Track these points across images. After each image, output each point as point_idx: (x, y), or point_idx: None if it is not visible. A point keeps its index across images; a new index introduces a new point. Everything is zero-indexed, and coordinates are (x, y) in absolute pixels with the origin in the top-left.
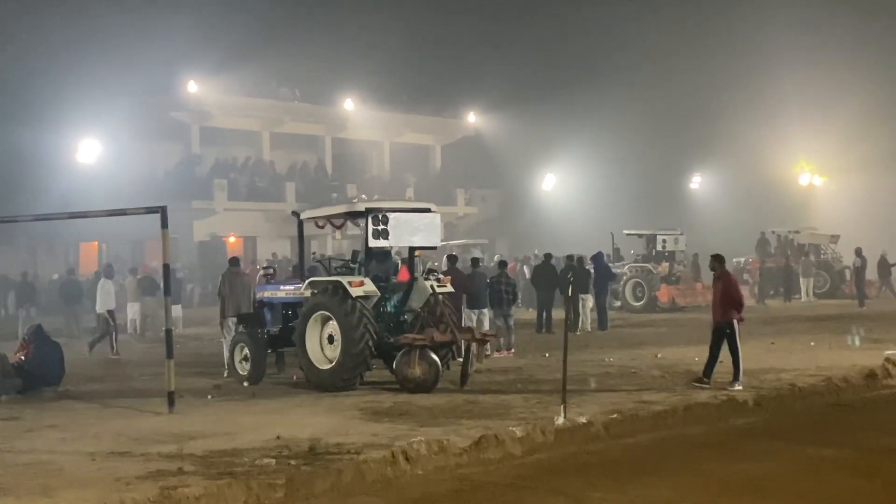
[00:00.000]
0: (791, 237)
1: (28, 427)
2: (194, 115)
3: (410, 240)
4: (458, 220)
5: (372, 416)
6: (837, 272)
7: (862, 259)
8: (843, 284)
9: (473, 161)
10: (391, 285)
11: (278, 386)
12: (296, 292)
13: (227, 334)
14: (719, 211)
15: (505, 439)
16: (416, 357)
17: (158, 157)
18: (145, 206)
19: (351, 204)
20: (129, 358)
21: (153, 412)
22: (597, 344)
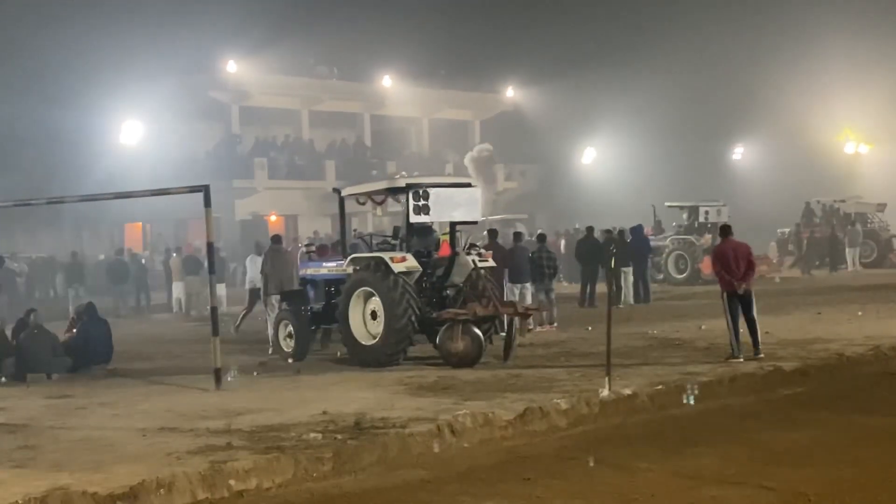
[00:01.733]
0: (837, 206)
1: (79, 404)
2: (234, 95)
3: (451, 215)
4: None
5: (416, 391)
6: (885, 241)
7: None
8: (891, 253)
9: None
10: (433, 260)
11: (322, 362)
12: (338, 269)
13: (271, 312)
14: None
15: (550, 411)
16: (459, 332)
17: (199, 137)
18: (188, 186)
19: (391, 180)
20: (175, 335)
21: (200, 389)
22: (640, 317)
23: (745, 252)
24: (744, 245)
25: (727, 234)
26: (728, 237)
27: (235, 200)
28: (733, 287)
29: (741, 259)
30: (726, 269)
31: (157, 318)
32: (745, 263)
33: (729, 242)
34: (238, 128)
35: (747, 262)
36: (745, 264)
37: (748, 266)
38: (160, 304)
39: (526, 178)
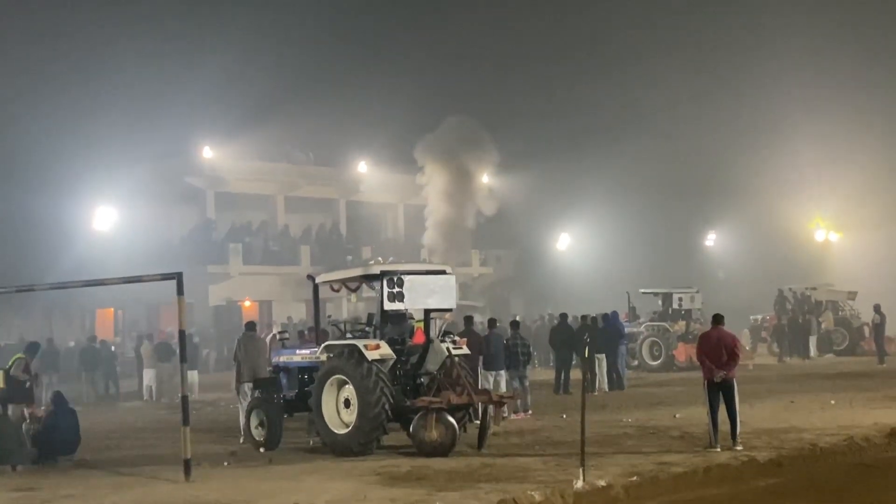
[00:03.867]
0: (808, 294)
1: (44, 497)
2: (209, 181)
3: (426, 302)
4: (474, 280)
5: (390, 481)
6: (856, 329)
7: (881, 315)
8: (863, 341)
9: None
10: (407, 348)
11: (295, 451)
12: (311, 356)
13: (243, 399)
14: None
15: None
16: (433, 420)
17: (174, 222)
18: (161, 273)
19: (366, 267)
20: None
21: (170, 480)
22: (614, 404)
23: (729, 341)
24: (729, 335)
25: (718, 322)
26: (718, 325)
27: (209, 286)
28: (712, 375)
29: (724, 348)
30: (708, 357)
31: (128, 405)
32: (728, 353)
33: (716, 331)
34: (213, 213)
35: (730, 352)
36: (728, 354)
37: (730, 356)
38: (131, 392)
39: (501, 263)
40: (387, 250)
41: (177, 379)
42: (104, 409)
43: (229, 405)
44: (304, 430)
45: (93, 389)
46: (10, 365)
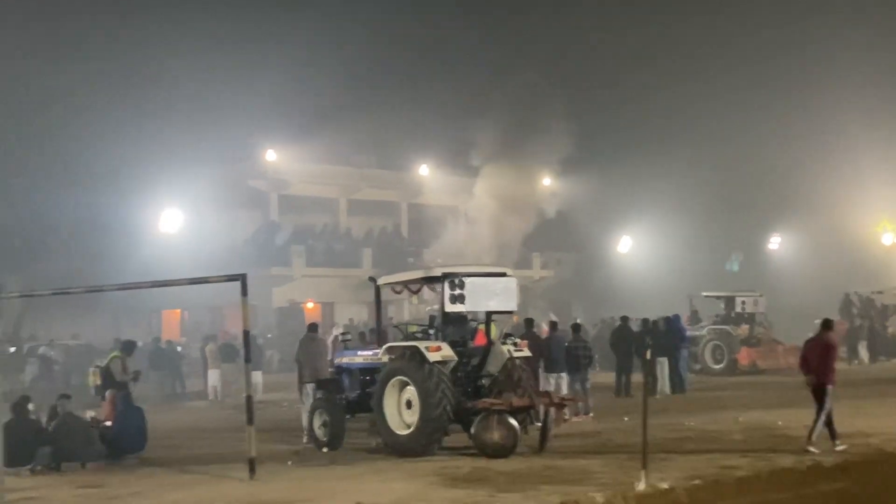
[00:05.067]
0: (874, 298)
1: (112, 494)
2: (273, 184)
3: (487, 304)
4: (534, 283)
5: (451, 482)
6: None
7: None
8: None
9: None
10: (468, 350)
11: (357, 451)
12: (373, 357)
13: (306, 400)
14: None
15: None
16: (495, 422)
17: (238, 224)
18: (226, 275)
19: (428, 269)
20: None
21: (235, 478)
22: (676, 408)
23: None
24: (829, 342)
25: (827, 328)
26: (826, 331)
27: (273, 288)
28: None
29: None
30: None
31: (193, 405)
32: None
33: (820, 337)
34: (276, 216)
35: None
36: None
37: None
38: (196, 392)
39: (562, 266)
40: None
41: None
42: (170, 408)
43: (292, 405)
44: (365, 430)
45: (159, 389)
46: (108, 363)
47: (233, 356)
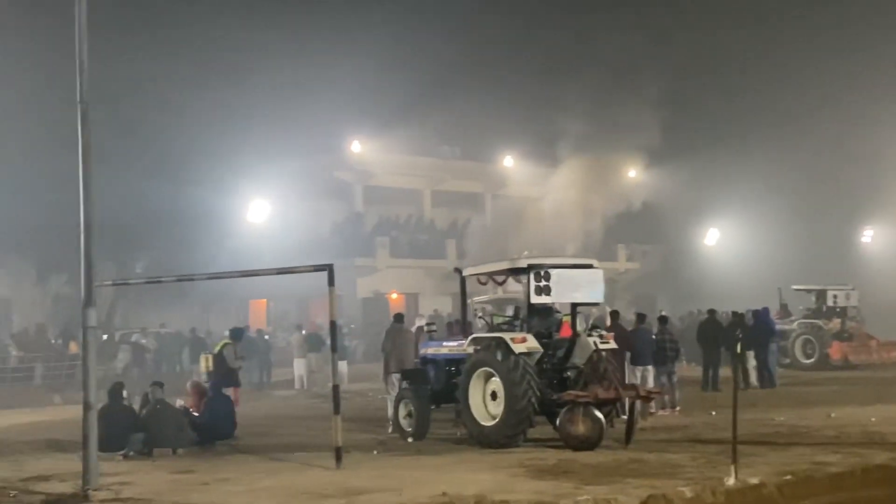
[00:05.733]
0: None
1: (203, 480)
2: (358, 175)
3: (572, 296)
4: (620, 275)
5: (536, 474)
6: None
7: None
8: None
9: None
10: (554, 341)
11: (442, 442)
12: (459, 348)
13: (392, 390)
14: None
15: (673, 499)
16: (580, 414)
17: (323, 215)
18: (313, 265)
19: (513, 260)
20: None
21: (321, 467)
22: (765, 402)
23: None
24: None
25: None
26: None
27: (357, 278)
28: None
29: None
30: None
31: (280, 394)
32: None
33: None
34: (361, 206)
35: None
36: None
37: None
38: (283, 381)
39: (647, 258)
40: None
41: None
42: (258, 396)
43: (377, 395)
44: (450, 421)
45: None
46: (219, 349)
47: (318, 346)
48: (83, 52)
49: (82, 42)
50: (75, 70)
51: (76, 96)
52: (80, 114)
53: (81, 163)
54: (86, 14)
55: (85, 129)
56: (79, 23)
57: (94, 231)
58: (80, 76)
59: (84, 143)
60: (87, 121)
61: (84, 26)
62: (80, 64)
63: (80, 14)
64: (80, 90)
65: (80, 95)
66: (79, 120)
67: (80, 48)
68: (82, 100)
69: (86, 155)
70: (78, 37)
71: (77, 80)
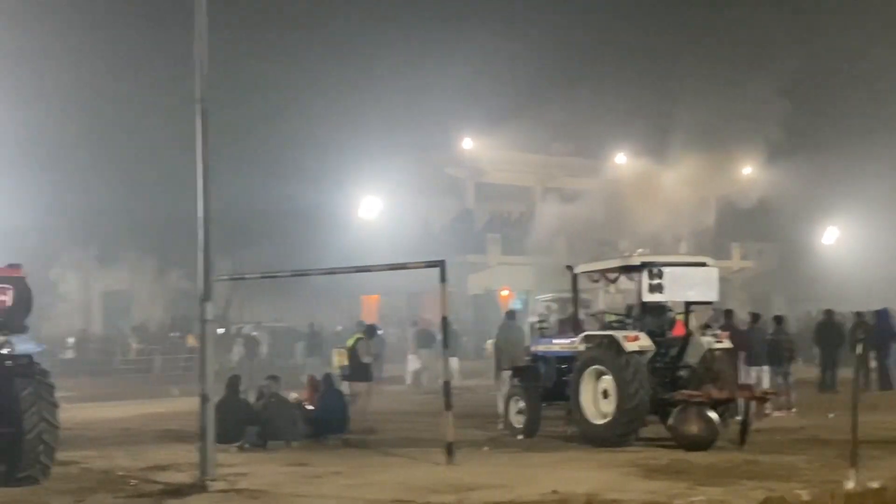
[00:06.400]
0: None
1: (315, 473)
2: (469, 171)
3: (686, 294)
4: (734, 274)
5: (648, 473)
6: None
7: None
8: None
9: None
10: (666, 340)
11: (552, 440)
12: (570, 346)
13: (502, 386)
14: None
15: (791, 502)
16: (693, 414)
17: (435, 212)
18: (425, 261)
19: (626, 258)
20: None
21: (432, 462)
22: (886, 405)
23: None
24: None
25: None
26: None
27: (468, 275)
28: None
29: None
30: None
31: (392, 389)
32: None
33: None
34: (472, 203)
35: None
36: None
37: None
38: (395, 376)
39: (763, 257)
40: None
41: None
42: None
43: (488, 392)
44: (561, 418)
45: None
46: (353, 345)
47: (430, 342)
48: (202, 52)
49: (201, 41)
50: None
51: (195, 95)
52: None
53: (200, 160)
54: (205, 13)
55: (203, 128)
56: (198, 22)
57: (211, 227)
58: (199, 75)
59: (203, 141)
60: (206, 119)
61: (203, 25)
62: (199, 63)
63: (199, 13)
64: (199, 89)
65: (199, 94)
66: (197, 118)
67: (198, 47)
68: (201, 98)
69: (204, 152)
70: (197, 36)
71: (196, 79)
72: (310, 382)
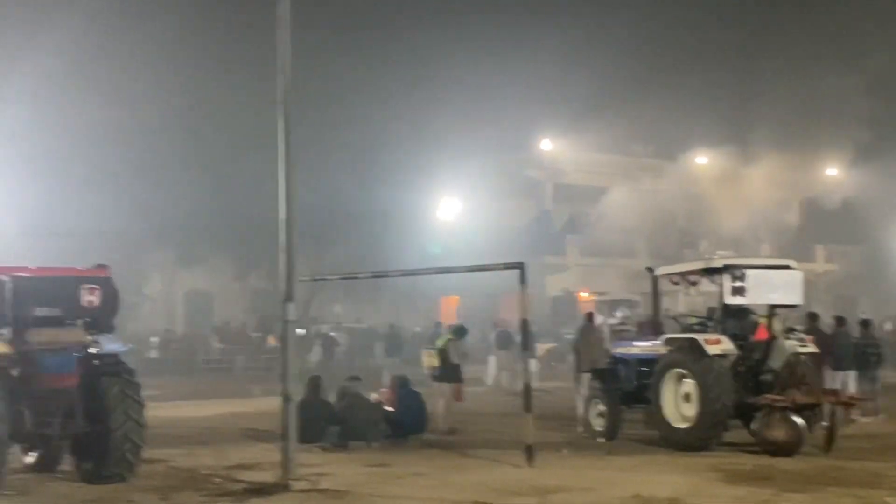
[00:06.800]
0: None
1: (396, 473)
2: (548, 173)
3: (769, 297)
4: (818, 276)
5: (731, 479)
6: None
7: None
8: None
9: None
10: (749, 344)
11: (632, 443)
12: (651, 348)
13: (582, 389)
14: None
15: None
16: (778, 419)
17: (513, 213)
18: (504, 262)
19: (707, 260)
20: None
21: (512, 464)
22: None
23: None
24: None
25: None
26: None
27: (546, 276)
28: None
29: None
30: None
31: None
32: None
33: None
34: (551, 204)
35: None
36: None
37: None
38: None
39: (848, 259)
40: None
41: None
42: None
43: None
44: (641, 422)
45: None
46: (443, 345)
47: (508, 343)
48: (285, 53)
49: (283, 42)
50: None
51: (277, 96)
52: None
53: (282, 161)
54: (288, 14)
55: (286, 129)
56: (280, 23)
57: (294, 228)
58: (281, 76)
59: (285, 143)
60: (288, 120)
61: (286, 27)
62: (281, 64)
63: (282, 14)
64: (281, 90)
65: (281, 95)
66: (279, 119)
67: (281, 49)
68: (283, 100)
69: (286, 154)
70: (279, 37)
71: (278, 81)
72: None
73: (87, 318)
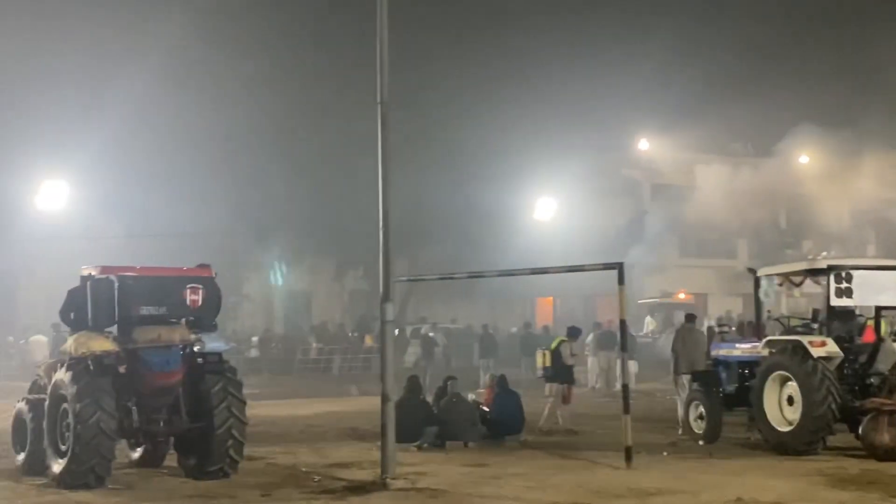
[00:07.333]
0: None
1: (494, 474)
2: (645, 173)
3: (877, 299)
4: None
5: (837, 483)
6: None
7: None
8: None
9: None
10: (855, 346)
11: (734, 446)
12: (752, 350)
13: (681, 391)
14: None
15: None
16: (885, 423)
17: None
18: (603, 263)
19: (812, 261)
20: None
21: (611, 466)
22: None
23: None
24: None
25: None
26: None
27: (644, 277)
28: None
29: None
30: None
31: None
32: None
33: None
34: (648, 205)
35: None
36: None
37: None
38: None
39: None
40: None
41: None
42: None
43: (666, 396)
44: (743, 425)
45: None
46: (556, 346)
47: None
48: (384, 54)
49: (383, 43)
50: (376, 71)
51: (377, 97)
52: (380, 114)
53: (381, 162)
54: (386, 15)
55: (385, 130)
56: (380, 24)
57: (392, 228)
58: (381, 77)
59: (384, 143)
60: (387, 121)
61: (384, 27)
62: (381, 65)
63: (381, 15)
64: (381, 91)
65: (380, 96)
66: (379, 120)
67: (380, 50)
68: (382, 101)
69: (385, 155)
70: (379, 38)
71: (377, 81)
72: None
73: (190, 316)
